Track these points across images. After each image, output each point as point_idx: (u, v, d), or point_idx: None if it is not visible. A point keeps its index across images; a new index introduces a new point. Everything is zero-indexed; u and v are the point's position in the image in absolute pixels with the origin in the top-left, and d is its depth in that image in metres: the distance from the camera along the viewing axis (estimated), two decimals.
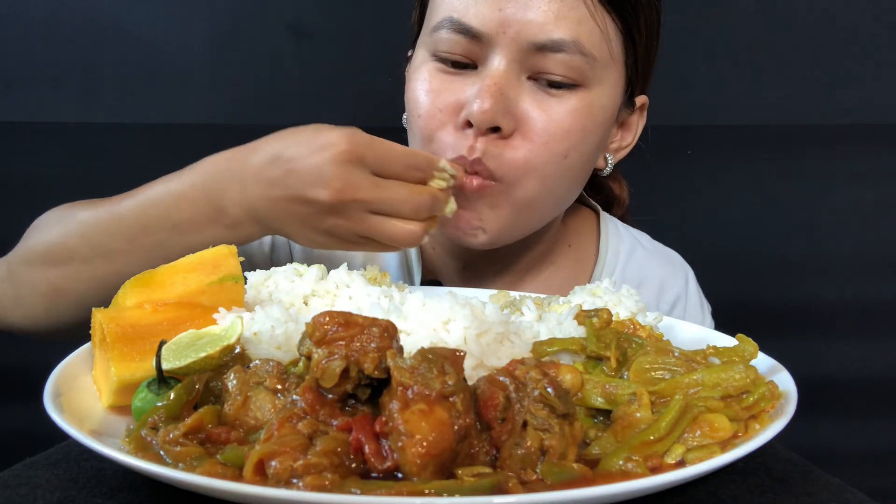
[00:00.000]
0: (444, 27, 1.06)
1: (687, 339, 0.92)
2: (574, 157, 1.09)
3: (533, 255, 1.29)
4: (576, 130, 1.06)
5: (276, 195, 0.94)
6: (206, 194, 0.99)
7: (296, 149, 0.93)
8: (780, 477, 0.68)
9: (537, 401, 0.63)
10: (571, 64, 1.03)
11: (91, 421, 0.71)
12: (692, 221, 1.96)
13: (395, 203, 0.92)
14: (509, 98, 1.04)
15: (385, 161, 0.92)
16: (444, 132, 1.08)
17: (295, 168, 0.92)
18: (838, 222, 2.01)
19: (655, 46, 1.18)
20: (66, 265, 1.04)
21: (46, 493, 0.62)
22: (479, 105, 1.01)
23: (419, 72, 1.12)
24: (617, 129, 1.22)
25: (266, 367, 0.70)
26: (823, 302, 2.05)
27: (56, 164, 1.92)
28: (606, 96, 1.10)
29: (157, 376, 0.71)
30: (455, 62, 1.08)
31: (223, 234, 0.98)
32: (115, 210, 1.04)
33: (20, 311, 1.09)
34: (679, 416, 0.66)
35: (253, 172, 0.96)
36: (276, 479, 0.56)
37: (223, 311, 0.81)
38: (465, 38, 1.05)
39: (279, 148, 0.95)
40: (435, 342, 0.73)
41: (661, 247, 1.41)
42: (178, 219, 0.99)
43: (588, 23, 1.04)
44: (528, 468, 0.60)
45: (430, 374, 0.60)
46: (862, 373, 2.07)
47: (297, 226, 0.96)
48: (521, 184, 1.08)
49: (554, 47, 1.02)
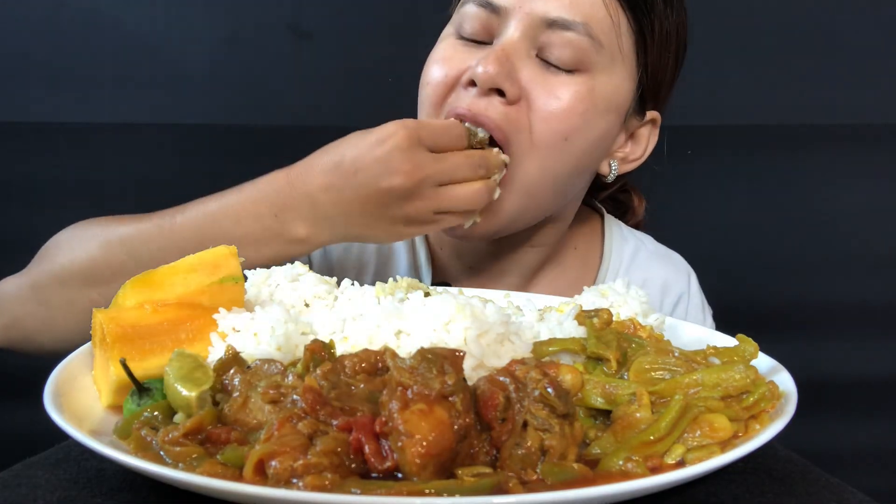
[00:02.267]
0: (470, 1, 1.13)
1: (687, 339, 0.92)
2: (575, 141, 1.10)
3: (539, 257, 1.30)
4: (576, 113, 1.09)
5: (349, 198, 0.98)
6: (272, 209, 1.01)
7: (354, 150, 0.98)
8: (780, 477, 0.68)
9: (537, 401, 0.63)
10: (579, 45, 1.07)
11: (91, 421, 0.71)
12: (692, 221, 1.96)
13: (458, 168, 1.01)
14: (514, 65, 1.07)
15: (438, 136, 1.01)
16: (451, 96, 1.12)
17: (361, 167, 0.97)
18: (838, 222, 2.01)
19: (673, 61, 1.20)
20: (111, 283, 1.01)
21: (46, 493, 0.62)
22: (484, 65, 1.06)
23: (438, 45, 1.17)
24: (626, 138, 1.23)
25: (266, 368, 0.70)
26: (823, 302, 2.05)
27: (56, 164, 1.92)
28: (611, 87, 1.12)
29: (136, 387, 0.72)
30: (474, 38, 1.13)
31: (284, 250, 1.01)
32: (166, 225, 1.04)
33: (51, 333, 1.07)
34: (679, 417, 0.66)
35: (319, 186, 1.00)
36: (276, 479, 0.56)
37: (223, 311, 0.81)
38: (486, 11, 1.10)
39: (337, 155, 1.00)
40: (435, 342, 0.73)
41: (664, 249, 1.42)
42: (239, 234, 1.01)
43: (601, 10, 1.08)
44: (529, 468, 0.60)
45: (429, 373, 0.60)
46: (862, 373, 2.07)
47: (376, 223, 1.01)
48: (523, 165, 1.10)
49: (564, 25, 1.07)
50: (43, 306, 1.07)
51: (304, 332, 0.80)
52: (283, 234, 1.02)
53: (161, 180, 1.94)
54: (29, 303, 1.08)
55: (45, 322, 1.07)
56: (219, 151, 1.94)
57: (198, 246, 0.98)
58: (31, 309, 1.08)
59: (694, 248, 1.46)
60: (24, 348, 1.11)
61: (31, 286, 1.09)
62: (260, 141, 1.94)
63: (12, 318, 1.09)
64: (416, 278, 1.28)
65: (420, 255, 1.31)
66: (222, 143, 1.91)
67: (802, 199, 2.01)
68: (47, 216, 1.91)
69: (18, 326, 1.09)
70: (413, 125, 1.00)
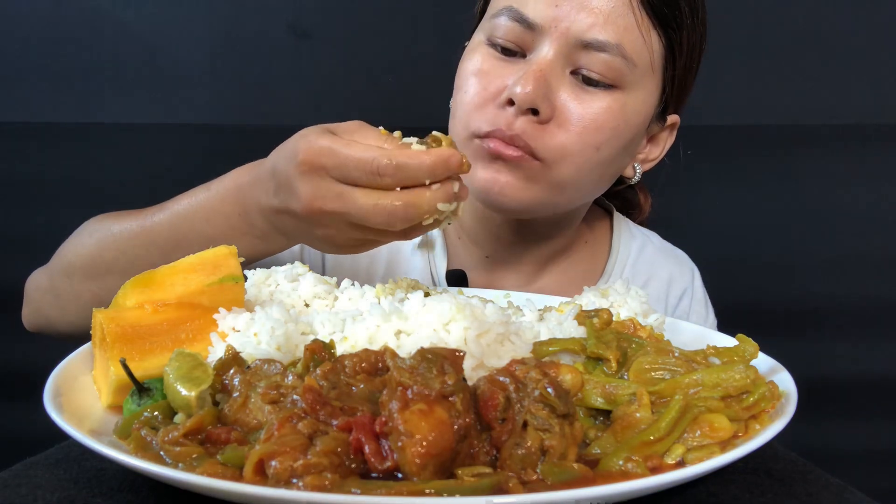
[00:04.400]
0: (503, 14, 1.13)
1: (687, 339, 0.92)
2: (606, 151, 1.14)
3: (553, 247, 1.34)
4: (608, 127, 1.12)
5: (276, 206, 0.93)
6: (237, 207, 0.99)
7: (281, 160, 0.90)
8: (780, 477, 0.68)
9: (537, 401, 0.63)
10: (612, 65, 1.10)
11: (91, 421, 0.71)
12: (692, 221, 1.96)
13: (363, 214, 0.83)
14: (550, 85, 1.09)
15: (343, 168, 0.83)
16: (486, 110, 1.13)
17: (279, 181, 0.90)
18: (838, 222, 2.01)
19: (695, 69, 1.22)
20: (106, 277, 1.08)
21: (46, 493, 0.62)
22: (523, 86, 1.07)
23: (472, 53, 1.18)
24: (646, 141, 1.27)
25: (266, 368, 0.70)
26: (823, 302, 2.04)
27: (56, 164, 1.92)
28: (641, 102, 1.16)
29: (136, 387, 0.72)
30: (506, 49, 1.14)
31: (258, 246, 1.00)
32: (147, 224, 1.07)
33: (66, 320, 1.16)
34: (679, 417, 0.66)
35: (262, 186, 0.95)
36: (276, 479, 0.56)
37: (223, 311, 0.81)
38: (521, 27, 1.11)
39: (275, 160, 0.93)
40: (435, 342, 0.73)
41: (669, 245, 1.46)
42: (212, 233, 1.01)
43: (633, 31, 1.10)
44: (529, 468, 0.60)
45: (429, 373, 0.60)
46: (862, 373, 2.07)
47: (301, 236, 0.95)
48: (558, 167, 1.12)
49: (598, 46, 1.09)
50: (56, 296, 1.15)
51: (304, 332, 0.80)
52: (251, 231, 0.99)
53: (161, 180, 1.94)
54: (47, 293, 1.17)
55: (59, 311, 1.16)
56: (219, 151, 1.93)
57: (174, 245, 1.03)
58: (49, 299, 1.17)
59: (694, 248, 1.47)
60: (48, 332, 1.21)
61: (48, 277, 1.17)
62: (260, 141, 1.93)
63: (37, 305, 1.20)
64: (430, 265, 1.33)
65: (436, 242, 1.34)
66: (222, 143, 1.91)
67: (802, 199, 2.01)
68: (47, 216, 1.93)
69: (42, 314, 1.19)
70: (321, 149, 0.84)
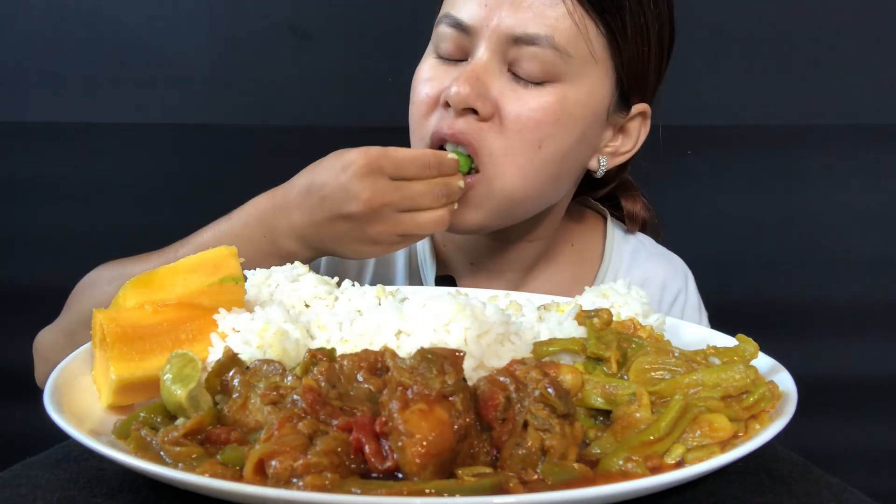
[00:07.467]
0: (443, 22, 1.17)
1: (687, 339, 0.92)
2: (549, 147, 1.14)
3: (536, 251, 1.33)
4: (548, 122, 1.12)
5: (318, 219, 1.07)
6: (261, 230, 1.10)
7: (323, 175, 1.07)
8: (780, 477, 0.68)
9: (538, 401, 0.63)
10: (544, 58, 1.11)
11: (91, 421, 0.71)
12: (692, 221, 1.95)
13: (417, 198, 1.07)
14: (485, 84, 1.12)
15: (400, 165, 1.06)
16: (432, 116, 1.17)
17: (327, 192, 1.05)
18: (838, 222, 2.01)
19: (653, 53, 1.20)
20: None
21: (46, 493, 0.62)
22: (456, 87, 1.11)
23: (421, 64, 1.22)
24: (614, 132, 1.25)
25: (265, 369, 0.70)
26: (823, 302, 2.04)
27: (56, 164, 1.92)
28: (586, 93, 1.15)
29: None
30: (450, 57, 1.17)
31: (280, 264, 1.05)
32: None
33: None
34: (679, 417, 0.66)
35: (295, 206, 1.08)
36: (276, 478, 0.56)
37: (223, 312, 0.81)
38: (458, 32, 1.15)
39: (310, 178, 1.08)
40: (435, 343, 0.73)
41: (664, 250, 1.45)
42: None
43: (564, 21, 1.11)
44: (529, 468, 0.60)
45: (429, 373, 0.60)
46: (862, 373, 2.07)
47: (343, 242, 1.09)
48: (501, 175, 1.14)
49: (528, 40, 1.10)
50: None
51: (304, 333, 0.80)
52: (277, 252, 1.10)
53: (161, 180, 1.95)
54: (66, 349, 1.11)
55: None
56: (219, 151, 1.94)
57: None
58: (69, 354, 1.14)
59: (694, 248, 1.47)
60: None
61: (65, 333, 1.18)
62: (260, 141, 1.94)
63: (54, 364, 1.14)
64: (420, 271, 1.34)
65: (425, 250, 1.36)
66: (222, 143, 1.91)
67: (802, 199, 2.01)
68: (48, 216, 1.93)
69: None
70: (376, 153, 1.06)
